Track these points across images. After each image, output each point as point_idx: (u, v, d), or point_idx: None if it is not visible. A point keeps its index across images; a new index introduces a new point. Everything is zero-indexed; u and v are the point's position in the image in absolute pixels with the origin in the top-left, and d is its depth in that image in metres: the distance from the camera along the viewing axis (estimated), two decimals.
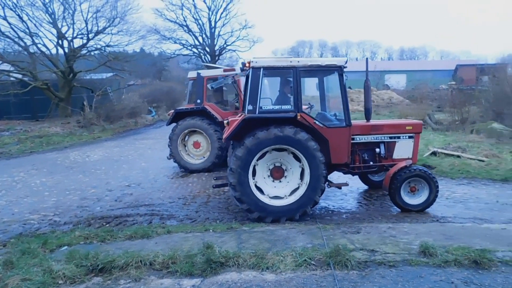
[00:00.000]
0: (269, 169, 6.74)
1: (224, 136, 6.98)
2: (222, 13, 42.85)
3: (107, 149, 15.33)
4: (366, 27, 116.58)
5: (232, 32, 43.85)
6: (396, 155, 7.41)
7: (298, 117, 6.50)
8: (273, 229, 5.85)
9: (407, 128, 7.49)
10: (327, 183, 6.84)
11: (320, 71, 7.27)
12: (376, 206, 7.46)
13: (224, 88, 12.12)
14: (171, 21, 41.67)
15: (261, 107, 6.55)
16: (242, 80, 11.00)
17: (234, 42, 44.33)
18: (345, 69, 6.75)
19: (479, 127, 16.02)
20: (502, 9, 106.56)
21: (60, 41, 23.59)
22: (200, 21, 43.08)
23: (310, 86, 8.13)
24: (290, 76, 6.81)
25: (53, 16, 22.83)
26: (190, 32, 43.10)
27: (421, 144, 12.24)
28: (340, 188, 7.87)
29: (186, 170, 10.84)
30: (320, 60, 6.92)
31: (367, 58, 7.62)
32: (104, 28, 24.79)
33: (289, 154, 6.65)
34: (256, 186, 6.61)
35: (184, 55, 45.20)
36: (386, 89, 31.60)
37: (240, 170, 6.36)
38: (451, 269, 4.31)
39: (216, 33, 43.72)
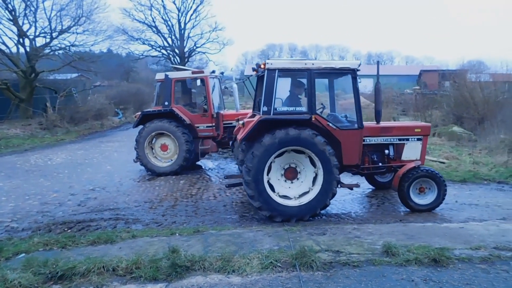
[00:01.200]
0: (284, 168, 6.83)
1: (240, 136, 7.01)
2: (192, 14, 42.63)
3: (70, 152, 14.83)
4: (335, 31, 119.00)
5: (202, 34, 43.66)
6: (404, 156, 7.56)
7: (313, 119, 6.64)
8: (241, 232, 5.83)
9: (415, 130, 7.67)
10: (338, 185, 6.88)
11: (333, 74, 7.37)
12: (342, 206, 7.59)
13: (193, 90, 12.03)
14: (140, 21, 41.04)
15: (275, 109, 6.65)
16: (211, 82, 11.00)
17: (204, 44, 44.15)
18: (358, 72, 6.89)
19: (441, 131, 16.67)
20: (462, 18, 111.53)
21: (21, 40, 22.64)
22: (169, 22, 42.66)
23: (321, 88, 8.11)
24: (304, 78, 6.91)
25: (13, 13, 21.88)
26: (159, 33, 42.58)
27: None
28: (352, 189, 7.92)
29: (153, 173, 10.65)
30: (334, 63, 7.04)
31: (378, 61, 7.80)
32: (69, 27, 24.03)
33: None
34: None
35: (153, 56, 44.57)
36: None
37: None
38: (412, 268, 4.45)
39: (186, 34, 43.41)
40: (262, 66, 6.76)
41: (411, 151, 7.58)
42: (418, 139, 7.62)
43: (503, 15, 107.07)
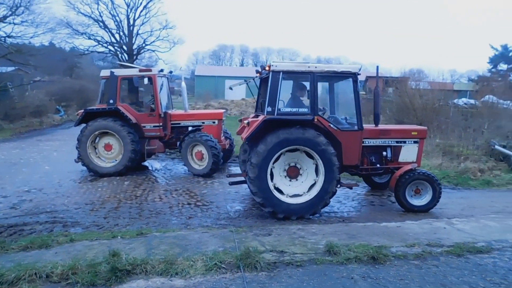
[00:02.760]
0: (285, 169, 7.05)
1: (245, 136, 7.16)
2: (141, 11, 41.30)
3: (4, 151, 13.81)
4: (285, 35, 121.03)
5: (151, 31, 42.47)
6: (401, 158, 7.87)
7: (315, 120, 6.87)
8: (186, 233, 5.73)
9: (412, 133, 7.98)
10: (338, 184, 7.07)
11: (335, 77, 7.59)
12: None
13: (140, 88, 11.68)
14: (85, 15, 39.06)
15: (279, 109, 6.86)
16: (159, 81, 10.74)
17: (153, 42, 42.97)
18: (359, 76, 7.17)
19: None
20: (404, 27, 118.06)
21: None
22: (117, 18, 41.03)
23: (322, 90, 8.28)
24: (307, 81, 7.12)
25: None
26: (106, 29, 40.82)
27: None
28: (351, 188, 8.13)
29: (96, 174, 10.19)
30: (336, 67, 7.22)
31: (377, 66, 8.07)
32: (5, 17, 22.36)
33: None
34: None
35: (99, 52, 42.61)
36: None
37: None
38: (352, 266, 4.61)
39: (135, 31, 41.99)
40: (267, 68, 6.99)
41: (408, 154, 7.91)
42: (415, 142, 7.96)
43: (441, 28, 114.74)
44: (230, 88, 9.72)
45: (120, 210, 7.37)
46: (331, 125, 7.07)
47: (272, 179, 6.92)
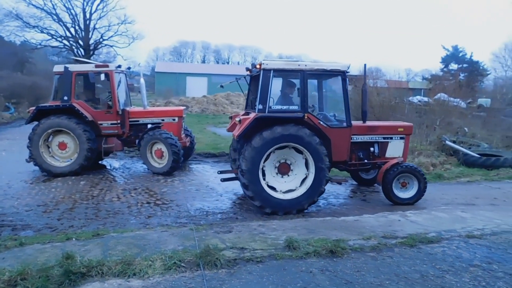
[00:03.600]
0: (276, 166, 7.19)
1: (237, 133, 7.17)
2: (98, 4, 39.98)
3: None
4: (247, 32, 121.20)
5: (109, 26, 41.20)
6: (388, 154, 8.11)
7: (305, 117, 6.99)
8: (144, 233, 5.61)
9: (399, 129, 8.23)
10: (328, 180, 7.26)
11: (324, 75, 7.72)
12: (249, 202, 7.71)
13: (98, 85, 11.26)
14: (37, 7, 37.28)
15: (270, 107, 6.99)
16: (116, 77, 10.41)
17: (111, 37, 41.72)
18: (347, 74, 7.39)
19: None
20: (363, 26, 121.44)
21: None
22: (72, 11, 39.46)
23: (311, 88, 8.28)
24: (297, 79, 7.29)
25: None
26: (60, 22, 39.15)
27: None
28: (340, 183, 8.33)
29: (49, 174, 9.74)
30: (325, 65, 7.36)
31: (365, 65, 8.29)
32: None
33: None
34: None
35: (52, 47, 40.81)
36: None
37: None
38: (311, 260, 4.69)
39: (91, 25, 40.59)
40: (258, 66, 7.04)
41: (395, 149, 8.15)
42: (401, 138, 8.22)
43: (398, 27, 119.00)
44: (221, 86, 9.71)
45: (75, 211, 7.10)
46: (321, 122, 7.23)
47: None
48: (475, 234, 5.71)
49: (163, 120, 10.86)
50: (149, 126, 10.68)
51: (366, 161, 8.11)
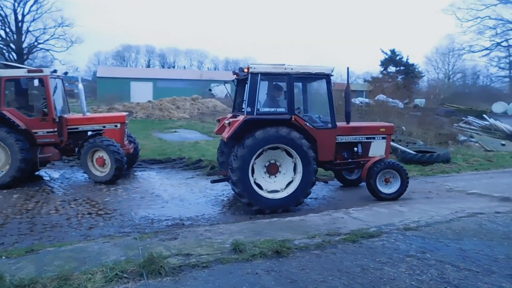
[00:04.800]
0: (265, 166, 7.40)
1: (226, 135, 7.31)
2: (32, 6, 37.73)
3: None
4: (193, 36, 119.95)
5: (45, 29, 39.09)
6: (371, 153, 8.43)
7: (293, 119, 7.27)
8: (84, 245, 5.34)
9: (381, 130, 8.63)
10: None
11: (309, 78, 8.07)
12: (195, 208, 7.62)
13: (33, 91, 10.57)
14: None
15: (258, 109, 7.20)
16: (52, 83, 9.85)
17: (47, 40, 39.60)
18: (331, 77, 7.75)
19: None
20: (308, 29, 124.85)
21: None
22: (2, 12, 36.89)
23: (296, 90, 8.35)
24: (283, 82, 7.56)
25: None
26: None
27: None
28: (326, 182, 8.81)
29: None
30: (310, 68, 7.69)
31: (348, 68, 8.53)
32: None
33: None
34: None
35: None
36: (211, 98, 33.11)
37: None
38: (257, 261, 4.71)
39: (24, 28, 38.19)
40: (246, 70, 7.27)
41: (377, 148, 8.51)
42: (383, 138, 8.60)
43: (341, 31, 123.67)
44: (210, 90, 9.75)
45: (6, 227, 6.60)
46: (307, 124, 7.51)
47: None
48: (411, 226, 6.04)
49: (104, 126, 10.43)
50: (89, 133, 10.21)
51: (350, 160, 8.43)
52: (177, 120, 25.01)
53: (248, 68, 7.27)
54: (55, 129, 9.83)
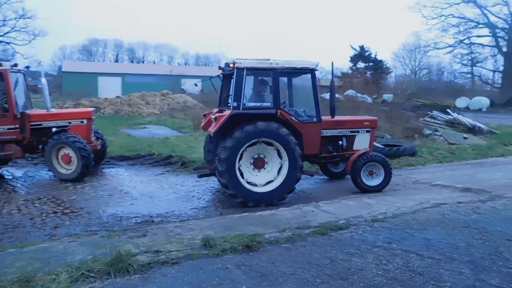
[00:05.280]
0: (253, 158, 7.49)
1: (213, 130, 7.36)
2: None
3: None
4: (162, 30, 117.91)
5: (4, 21, 37.42)
6: (356, 146, 8.58)
7: (278, 113, 7.35)
8: (49, 245, 5.16)
9: (365, 123, 8.79)
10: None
11: (294, 73, 8.17)
12: (165, 204, 7.52)
13: None
14: None
15: (244, 104, 7.25)
16: (12, 77, 9.44)
17: (8, 33, 37.89)
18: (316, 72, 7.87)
19: None
20: (278, 26, 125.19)
21: None
22: None
23: (282, 85, 8.43)
24: (269, 76, 7.63)
25: None
26: None
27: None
28: (312, 175, 8.98)
29: None
30: (295, 63, 7.77)
31: (332, 62, 8.89)
32: None
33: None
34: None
35: None
36: (182, 93, 32.69)
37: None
38: (228, 256, 4.69)
39: None
40: (232, 65, 7.32)
41: (361, 142, 8.66)
42: (367, 131, 8.76)
43: (312, 27, 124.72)
44: (195, 85, 9.78)
45: None
46: (293, 118, 7.60)
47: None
48: (379, 218, 6.19)
49: (70, 123, 10.09)
50: (53, 129, 9.86)
51: (335, 153, 8.59)
52: (146, 116, 24.57)
53: (234, 63, 7.31)
54: (17, 126, 9.44)
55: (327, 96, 30.92)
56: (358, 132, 8.77)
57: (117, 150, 12.68)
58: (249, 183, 7.41)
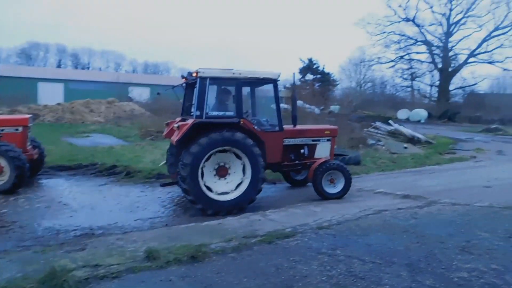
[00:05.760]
0: (215, 168, 7.46)
1: (175, 139, 7.34)
2: None
3: None
4: (109, 37, 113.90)
5: None
6: (317, 155, 8.71)
7: (241, 122, 7.39)
8: None
9: (326, 132, 8.98)
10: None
11: (257, 83, 8.28)
12: (108, 216, 7.18)
13: None
14: None
15: (207, 113, 7.29)
16: None
17: None
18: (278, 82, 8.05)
19: None
20: (227, 38, 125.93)
21: None
22: None
23: (245, 94, 8.70)
24: (232, 86, 7.71)
25: None
26: None
27: (157, 154, 12.84)
28: (275, 183, 9.41)
29: None
30: (258, 73, 7.89)
31: (294, 73, 9.25)
32: None
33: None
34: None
35: None
36: (129, 101, 31.73)
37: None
38: (171, 268, 4.56)
39: None
40: (195, 75, 7.33)
41: (322, 150, 8.81)
42: (328, 140, 8.94)
43: (261, 39, 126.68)
44: (158, 94, 9.82)
45: None
46: (255, 127, 7.69)
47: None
48: (324, 225, 6.31)
49: (2, 130, 9.39)
50: None
51: (297, 162, 8.65)
52: (90, 124, 23.52)
53: (197, 73, 7.33)
54: None
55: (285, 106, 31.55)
56: (319, 140, 8.94)
57: (57, 159, 11.96)
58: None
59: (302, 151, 8.86)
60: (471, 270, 4.59)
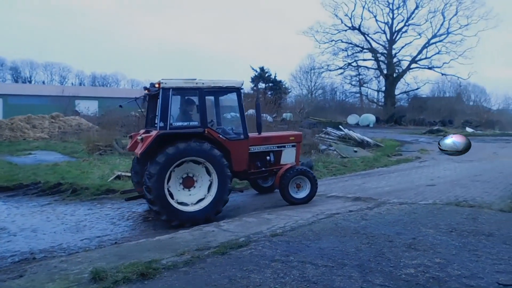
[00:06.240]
0: (182, 177, 7.39)
1: (139, 151, 7.23)
2: None
3: None
4: (52, 48, 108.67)
5: None
6: (283, 161, 8.81)
7: (206, 132, 7.39)
8: None
9: (290, 138, 9.06)
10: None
11: (220, 92, 8.29)
12: (51, 238, 6.75)
13: None
14: None
15: (171, 124, 7.24)
16: None
17: None
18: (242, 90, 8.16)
19: None
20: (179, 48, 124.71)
21: None
22: None
23: (208, 104, 8.67)
24: (195, 96, 7.66)
25: None
26: None
27: (106, 169, 12.35)
28: (242, 191, 9.45)
29: None
30: (221, 82, 7.92)
31: (258, 85, 8.73)
32: None
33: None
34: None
35: None
36: (76, 115, 30.37)
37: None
38: None
39: None
40: (157, 86, 7.25)
41: (288, 156, 8.90)
42: (293, 146, 9.03)
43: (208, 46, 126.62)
44: (120, 106, 9.90)
45: None
46: (220, 136, 7.70)
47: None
48: (278, 232, 6.31)
49: None
50: None
51: (263, 169, 8.71)
52: (33, 141, 22.20)
53: (159, 84, 7.25)
54: None
55: (228, 116, 31.50)
56: (284, 147, 9.02)
57: None
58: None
59: (268, 158, 8.92)
60: (417, 265, 4.76)
